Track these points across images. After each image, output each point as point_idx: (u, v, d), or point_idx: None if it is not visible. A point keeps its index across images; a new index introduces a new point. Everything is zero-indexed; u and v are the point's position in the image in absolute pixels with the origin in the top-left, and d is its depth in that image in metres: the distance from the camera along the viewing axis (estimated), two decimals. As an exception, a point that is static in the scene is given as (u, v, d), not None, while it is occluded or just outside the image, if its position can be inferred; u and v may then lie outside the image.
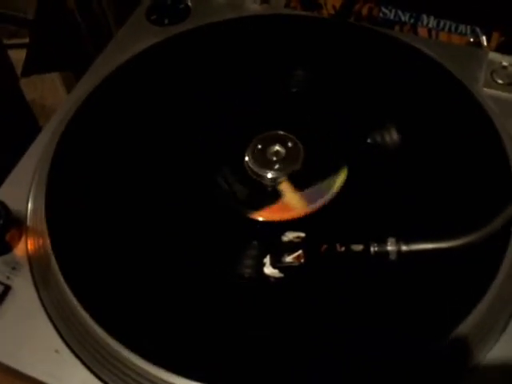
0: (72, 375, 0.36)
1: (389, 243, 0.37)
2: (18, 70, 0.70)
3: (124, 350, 0.36)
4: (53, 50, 0.71)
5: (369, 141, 0.46)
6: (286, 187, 0.44)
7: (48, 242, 0.40)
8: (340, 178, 0.44)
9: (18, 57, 0.69)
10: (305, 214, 0.42)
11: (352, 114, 0.48)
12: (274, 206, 0.43)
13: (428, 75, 0.50)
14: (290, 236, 0.38)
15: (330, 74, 0.51)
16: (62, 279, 0.39)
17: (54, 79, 0.76)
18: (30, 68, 0.71)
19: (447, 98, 0.48)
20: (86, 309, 0.37)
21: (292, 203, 0.43)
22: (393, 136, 0.46)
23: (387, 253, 0.37)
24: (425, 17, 0.61)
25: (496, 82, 0.49)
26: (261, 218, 0.42)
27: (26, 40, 0.69)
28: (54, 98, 0.76)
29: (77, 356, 0.37)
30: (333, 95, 0.49)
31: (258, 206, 0.43)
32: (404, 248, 0.37)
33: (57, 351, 0.37)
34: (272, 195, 0.44)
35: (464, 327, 0.35)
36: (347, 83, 0.50)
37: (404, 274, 0.38)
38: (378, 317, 0.36)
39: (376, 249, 0.37)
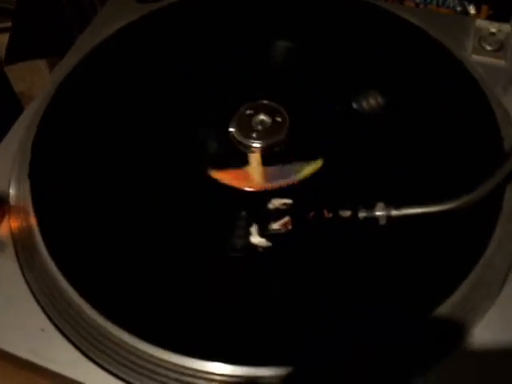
0: (58, 354, 0.36)
1: (378, 208, 0.36)
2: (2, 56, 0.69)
3: (111, 327, 0.35)
4: (37, 36, 0.70)
5: (355, 106, 0.45)
6: (255, 158, 0.43)
7: (33, 220, 0.40)
8: (310, 168, 0.42)
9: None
10: (258, 189, 0.41)
11: (339, 83, 0.47)
12: (236, 172, 0.42)
13: (415, 44, 0.49)
14: (276, 203, 0.37)
15: (315, 44, 0.50)
16: (47, 256, 0.38)
17: (42, 70, 0.74)
18: (14, 55, 0.69)
19: (435, 65, 0.47)
20: (72, 285, 0.36)
21: (253, 175, 0.42)
22: (380, 102, 0.45)
23: (376, 218, 0.36)
24: (413, -11, 0.60)
25: (484, 48, 0.49)
26: (217, 178, 0.41)
27: (7, 24, 0.68)
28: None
29: (63, 334, 0.36)
30: (319, 65, 0.48)
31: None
32: (394, 212, 0.36)
33: (42, 330, 0.37)
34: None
35: (450, 303, 0.34)
36: (333, 53, 0.49)
37: (392, 245, 0.37)
38: (365, 288, 0.36)
39: (364, 214, 0.36)
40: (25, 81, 0.73)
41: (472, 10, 0.56)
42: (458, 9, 0.57)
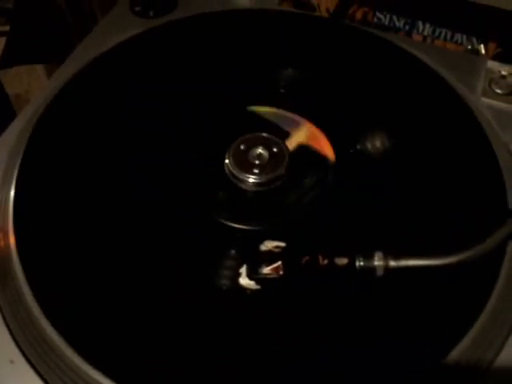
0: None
1: (376, 258, 0.34)
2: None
3: (85, 365, 0.33)
4: (35, 40, 0.68)
5: (358, 147, 0.43)
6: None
7: (12, 239, 0.37)
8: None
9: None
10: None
11: (341, 119, 0.45)
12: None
13: (422, 82, 0.47)
14: (268, 245, 0.35)
15: (319, 76, 0.48)
16: (23, 281, 0.36)
17: (39, 74, 0.73)
18: (10, 59, 0.68)
19: (443, 107, 0.46)
20: (46, 316, 0.34)
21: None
22: (384, 143, 0.44)
23: (373, 268, 0.34)
24: (420, 24, 0.59)
25: (494, 91, 0.47)
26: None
27: (7, 28, 0.66)
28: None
29: (33, 368, 0.34)
30: (321, 98, 0.47)
31: (237, 212, 0.40)
32: (392, 263, 0.34)
33: (12, 362, 0.34)
34: (252, 201, 0.41)
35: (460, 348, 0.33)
36: (337, 86, 0.48)
37: (394, 287, 0.35)
38: (363, 334, 0.34)
39: (362, 263, 0.34)
40: (22, 82, 0.72)
41: (482, 49, 0.55)
42: (469, 47, 0.56)
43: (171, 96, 0.47)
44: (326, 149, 0.43)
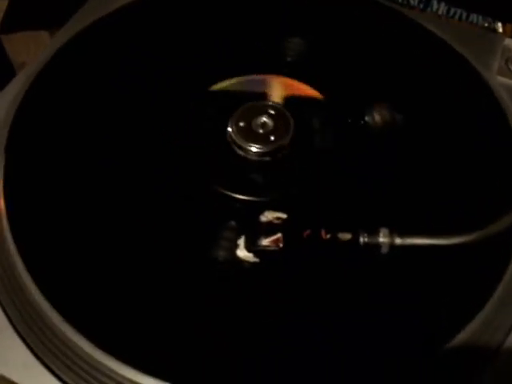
0: (13, 356, 0.33)
1: (381, 234, 0.33)
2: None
3: (75, 335, 0.31)
4: (37, 5, 0.67)
5: (366, 119, 0.42)
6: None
7: (3, 211, 0.36)
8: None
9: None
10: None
11: (351, 91, 0.43)
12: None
13: (437, 57, 0.46)
14: (269, 216, 0.33)
15: (329, 46, 0.46)
16: (13, 249, 0.34)
17: (46, 42, 0.71)
18: (11, 24, 0.66)
19: (457, 82, 0.44)
20: (38, 285, 0.33)
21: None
22: (394, 118, 0.42)
23: (378, 245, 0.33)
24: (435, 2, 0.57)
25: (510, 70, 0.45)
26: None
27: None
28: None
29: (20, 336, 0.33)
30: (331, 69, 0.45)
31: (239, 183, 0.38)
32: (398, 241, 0.33)
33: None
34: (254, 171, 0.39)
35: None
36: (348, 57, 0.46)
37: (400, 264, 0.34)
38: (367, 314, 0.32)
39: (366, 239, 0.33)
40: (29, 53, 0.70)
41: (500, 28, 0.53)
42: (485, 25, 0.54)
43: (176, 63, 0.45)
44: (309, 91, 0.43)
